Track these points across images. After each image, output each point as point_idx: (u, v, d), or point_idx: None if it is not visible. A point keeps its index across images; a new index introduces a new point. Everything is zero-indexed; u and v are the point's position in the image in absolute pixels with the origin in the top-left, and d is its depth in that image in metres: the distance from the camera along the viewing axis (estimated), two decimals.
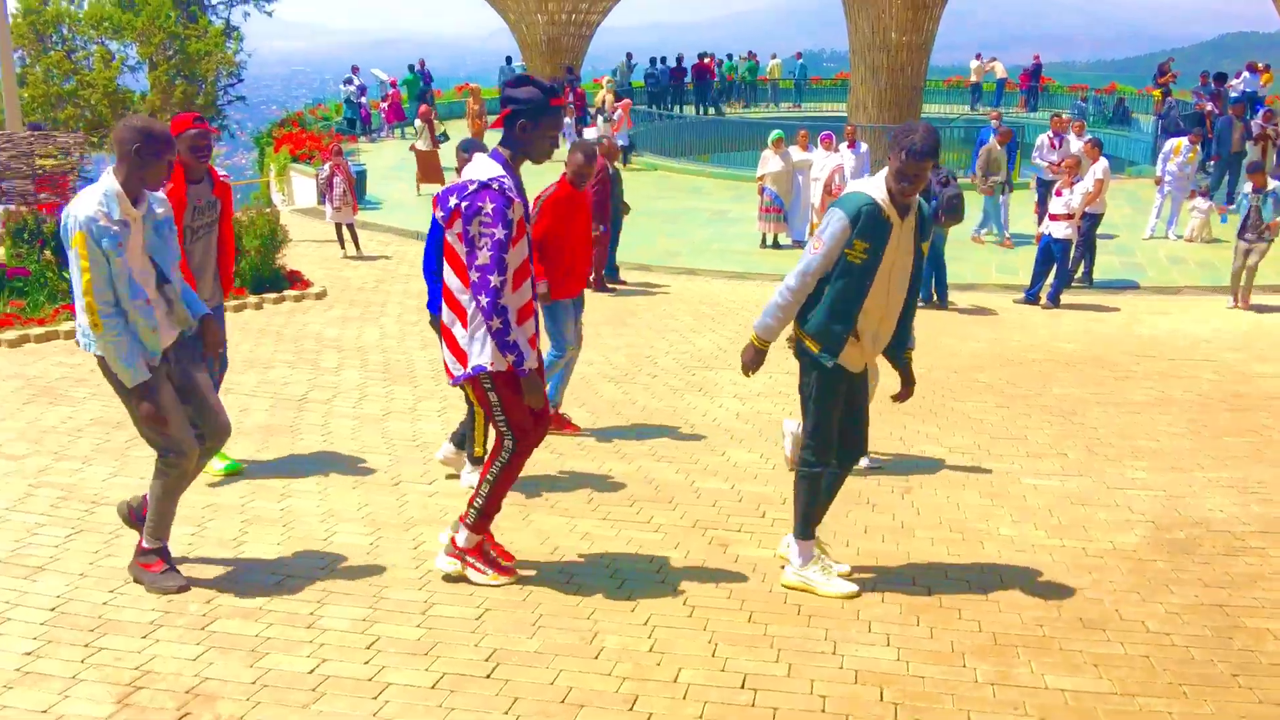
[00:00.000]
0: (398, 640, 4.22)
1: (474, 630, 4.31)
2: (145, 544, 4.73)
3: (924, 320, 11.26)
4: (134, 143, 4.36)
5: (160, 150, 4.41)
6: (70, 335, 9.10)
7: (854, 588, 4.64)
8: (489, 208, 4.21)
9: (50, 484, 5.92)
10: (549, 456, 6.59)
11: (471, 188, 4.27)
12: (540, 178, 6.65)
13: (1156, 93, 28.11)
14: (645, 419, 7.48)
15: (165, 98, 20.58)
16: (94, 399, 7.41)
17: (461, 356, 4.46)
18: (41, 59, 19.93)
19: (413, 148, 19.88)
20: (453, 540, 4.77)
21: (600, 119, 21.09)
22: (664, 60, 33.00)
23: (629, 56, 32.76)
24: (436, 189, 19.43)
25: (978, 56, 36.36)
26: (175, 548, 5.08)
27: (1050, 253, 12.04)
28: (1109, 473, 6.47)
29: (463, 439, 6.14)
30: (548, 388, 7.03)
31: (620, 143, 21.24)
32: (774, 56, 37.77)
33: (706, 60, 32.94)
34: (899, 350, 4.81)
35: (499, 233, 4.21)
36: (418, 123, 20.13)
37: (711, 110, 31.94)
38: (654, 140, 26.02)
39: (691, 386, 8.41)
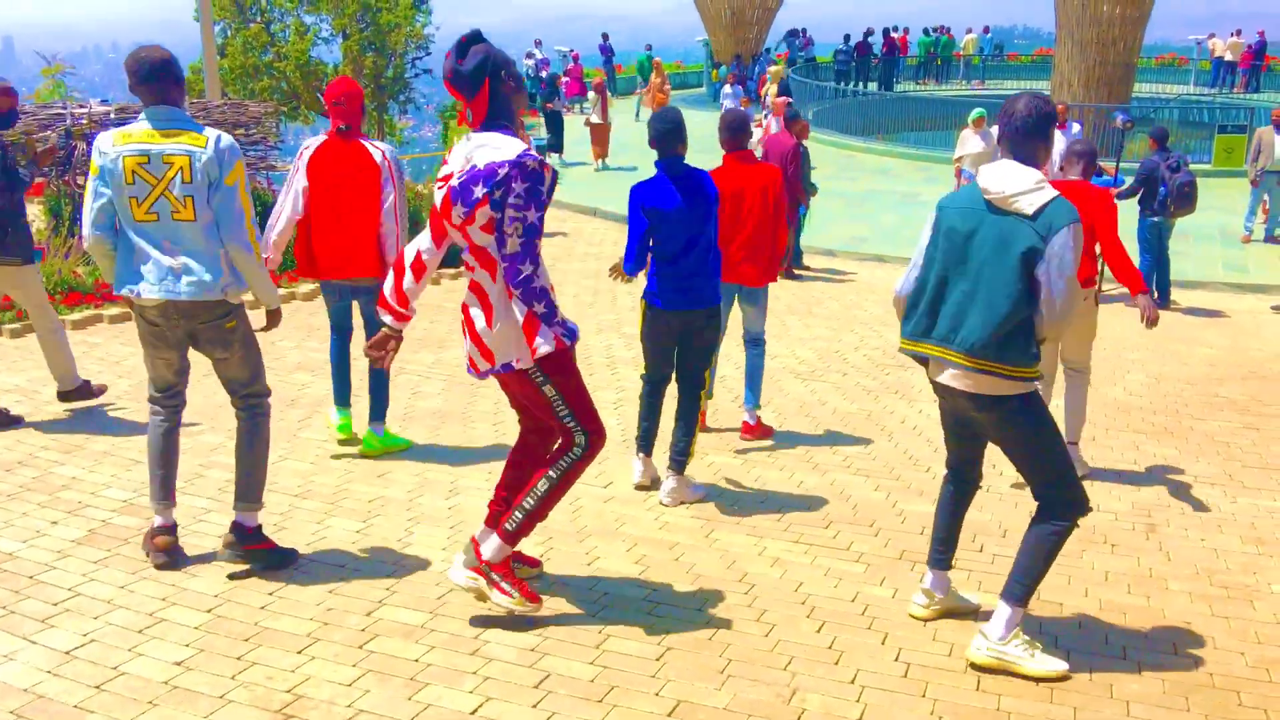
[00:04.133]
0: (570, 680, 3.74)
1: (655, 674, 3.79)
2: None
3: None
4: None
5: None
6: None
7: (1065, 666, 3.82)
8: (520, 188, 3.70)
9: (221, 464, 5.73)
10: (733, 462, 6.04)
11: (503, 172, 3.70)
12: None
13: None
14: (838, 424, 6.83)
15: (356, 69, 20.88)
16: (270, 373, 7.24)
17: (487, 352, 3.96)
18: (241, 31, 20.53)
19: (587, 121, 19.56)
20: (477, 550, 4.09)
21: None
22: (848, 38, 31.74)
23: (802, 33, 31.55)
24: (601, 163, 19.20)
25: (1238, 33, 32.82)
26: (341, 542, 4.79)
27: None
28: None
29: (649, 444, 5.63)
30: (745, 391, 6.48)
31: None
32: (969, 31, 35.99)
33: (898, 36, 31.55)
34: None
35: (531, 216, 3.72)
36: (592, 95, 19.73)
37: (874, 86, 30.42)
38: (839, 119, 25.02)
39: (886, 388, 7.70)
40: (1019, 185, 3.68)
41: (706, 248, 5.23)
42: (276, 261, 5.73)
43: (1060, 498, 3.84)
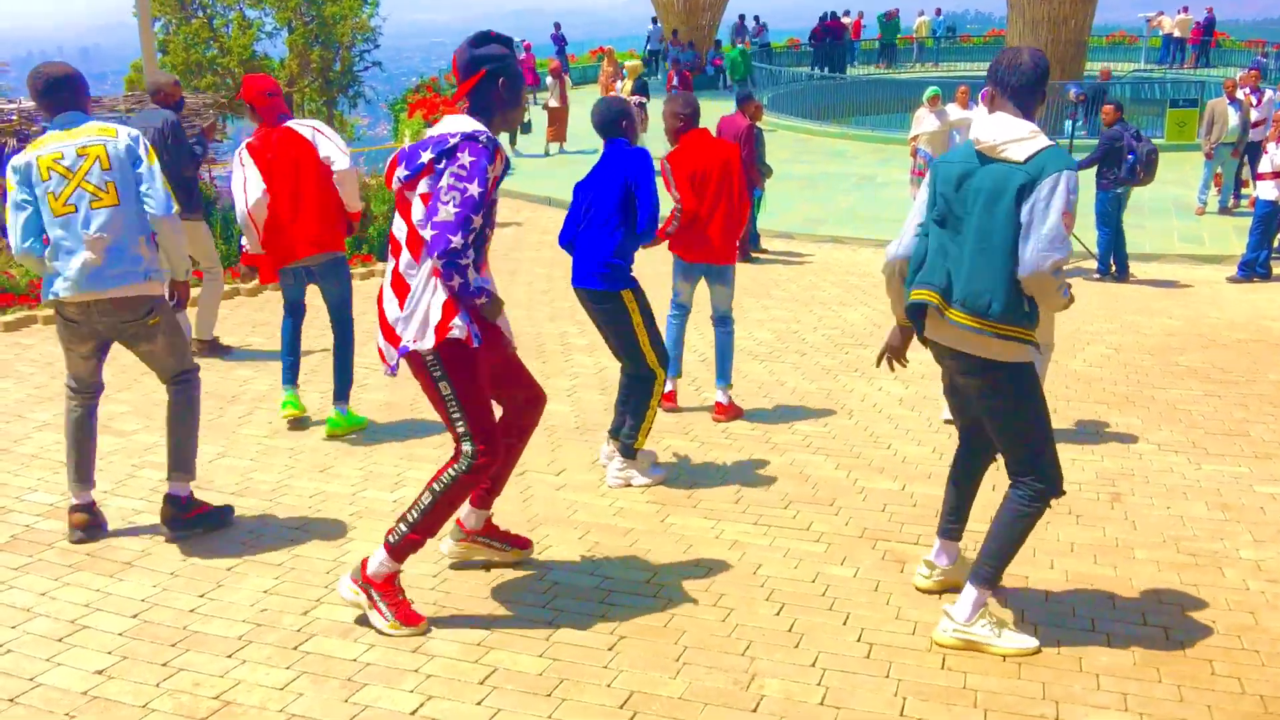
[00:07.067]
0: (517, 674, 3.55)
1: (607, 665, 3.61)
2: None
3: (1106, 294, 10.14)
4: None
5: None
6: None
7: (1035, 642, 3.69)
8: (466, 160, 3.56)
9: (155, 464, 5.49)
10: (688, 444, 5.86)
11: (452, 140, 3.59)
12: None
13: None
14: (797, 403, 6.67)
15: (302, 63, 20.47)
16: (210, 370, 6.99)
17: (394, 337, 3.73)
18: (183, 27, 20.08)
19: (545, 105, 19.24)
20: (363, 563, 3.82)
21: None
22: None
23: (749, 20, 31.39)
24: (557, 147, 18.95)
25: (1185, 10, 33.23)
26: (279, 540, 4.57)
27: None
28: None
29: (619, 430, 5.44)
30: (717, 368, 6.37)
31: None
32: (921, 14, 36.05)
33: (850, 20, 31.54)
34: None
35: (473, 189, 3.54)
36: (549, 79, 19.39)
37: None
38: (794, 103, 24.92)
39: (845, 367, 7.56)
40: (1011, 133, 3.50)
41: (591, 228, 5.13)
42: (260, 238, 5.85)
43: (1035, 479, 3.68)
